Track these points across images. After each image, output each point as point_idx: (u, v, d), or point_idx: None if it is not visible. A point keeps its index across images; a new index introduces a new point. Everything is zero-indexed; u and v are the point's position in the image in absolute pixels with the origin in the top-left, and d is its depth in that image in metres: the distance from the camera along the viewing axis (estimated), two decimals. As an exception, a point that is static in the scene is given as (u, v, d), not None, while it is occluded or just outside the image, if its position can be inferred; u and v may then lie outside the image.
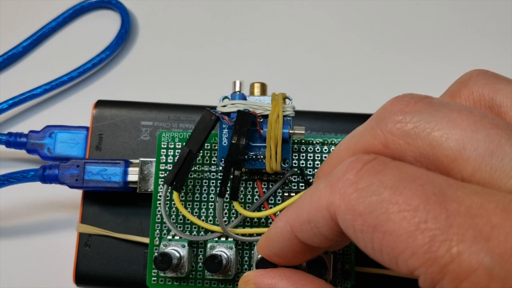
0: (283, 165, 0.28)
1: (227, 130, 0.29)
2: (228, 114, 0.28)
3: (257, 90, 0.29)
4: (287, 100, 0.29)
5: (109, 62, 0.40)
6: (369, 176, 0.18)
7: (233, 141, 0.27)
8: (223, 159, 0.28)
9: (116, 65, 0.40)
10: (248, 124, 0.27)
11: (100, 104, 0.35)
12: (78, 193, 0.34)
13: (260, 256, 0.27)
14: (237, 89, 0.29)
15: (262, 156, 0.28)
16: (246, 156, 0.28)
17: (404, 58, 0.40)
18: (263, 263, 0.25)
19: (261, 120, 0.28)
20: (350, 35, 0.40)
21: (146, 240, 0.32)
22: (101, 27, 0.41)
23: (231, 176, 0.28)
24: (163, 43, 0.41)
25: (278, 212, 0.28)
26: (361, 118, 0.33)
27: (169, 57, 0.41)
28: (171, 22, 0.41)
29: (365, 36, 0.40)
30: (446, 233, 0.16)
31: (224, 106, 0.28)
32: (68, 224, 0.36)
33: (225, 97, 0.29)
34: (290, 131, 0.28)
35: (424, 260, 0.16)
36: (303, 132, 0.28)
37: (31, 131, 0.35)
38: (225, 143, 0.29)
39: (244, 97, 0.29)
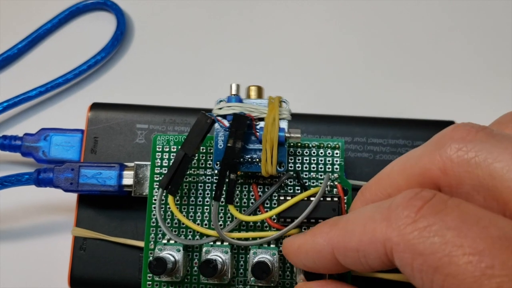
0: (278, 168, 0.28)
1: (223, 133, 0.29)
2: (224, 116, 0.28)
3: (253, 93, 0.29)
4: (283, 104, 0.29)
5: (104, 64, 0.40)
6: (431, 216, 0.18)
7: (229, 144, 0.27)
8: (218, 162, 0.28)
9: (111, 67, 0.40)
10: (244, 127, 0.27)
11: (95, 106, 0.35)
12: (73, 197, 0.34)
13: (256, 260, 0.27)
14: (234, 92, 0.29)
15: (257, 159, 0.28)
16: (241, 159, 0.28)
17: (401, 60, 0.39)
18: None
19: (257, 123, 0.28)
20: (347, 37, 0.40)
21: (141, 244, 0.31)
22: (96, 28, 0.41)
23: (227, 180, 0.28)
24: (159, 45, 0.41)
25: (274, 216, 0.28)
26: (357, 121, 0.34)
27: (165, 59, 0.40)
28: (167, 24, 0.41)
29: (362, 38, 0.40)
30: None
31: (220, 109, 0.28)
32: (63, 227, 0.36)
33: (221, 100, 0.29)
34: (286, 134, 0.28)
35: None
36: (299, 135, 0.28)
37: (26, 134, 0.35)
38: (220, 146, 0.28)
39: (240, 100, 0.29)
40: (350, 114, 0.35)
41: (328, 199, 0.28)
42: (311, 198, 0.28)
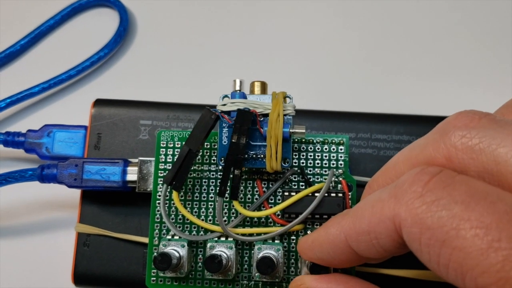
0: (283, 164, 0.28)
1: (227, 129, 0.28)
2: (228, 113, 0.28)
3: (257, 88, 0.29)
4: (287, 99, 0.29)
5: (107, 61, 0.40)
6: (438, 190, 0.18)
7: (233, 140, 0.27)
8: (223, 158, 0.28)
9: (114, 64, 0.40)
10: (248, 123, 0.27)
11: (98, 103, 0.35)
12: (76, 193, 0.34)
13: (260, 255, 0.27)
14: (237, 87, 0.29)
15: (262, 155, 0.28)
16: (246, 155, 0.28)
17: (405, 55, 0.39)
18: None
19: (261, 119, 0.28)
20: (351, 33, 0.40)
21: (145, 240, 0.31)
22: (99, 25, 0.41)
23: (231, 176, 0.28)
24: (162, 41, 0.41)
25: (279, 212, 0.28)
26: (361, 117, 0.34)
27: (168, 55, 0.40)
28: (170, 20, 0.41)
29: (365, 34, 0.40)
30: None
31: (224, 105, 0.28)
32: (67, 223, 0.36)
33: (225, 96, 0.29)
34: (291, 130, 0.28)
35: (496, 279, 0.16)
36: (304, 131, 0.28)
37: (29, 130, 0.35)
38: (225, 142, 0.28)
39: (244, 96, 0.29)
40: (353, 110, 0.35)
41: (333, 194, 0.28)
42: (316, 194, 0.28)
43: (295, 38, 0.40)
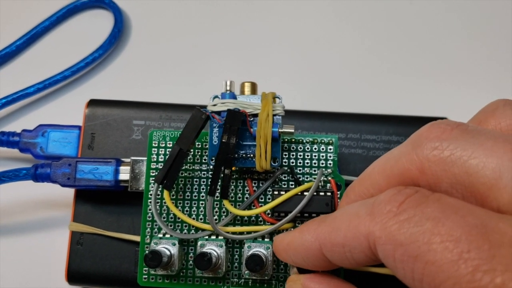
0: (272, 163, 0.28)
1: (217, 129, 0.29)
2: (218, 113, 0.29)
3: (247, 89, 0.30)
4: (276, 100, 0.29)
5: (102, 61, 0.40)
6: (411, 208, 0.19)
7: (224, 140, 0.28)
8: (213, 158, 0.29)
9: (109, 64, 0.40)
10: (238, 123, 0.28)
11: (92, 103, 0.35)
12: (70, 192, 0.34)
13: (250, 253, 0.27)
14: (228, 88, 0.29)
15: (252, 155, 0.28)
16: (236, 155, 0.28)
17: (394, 56, 0.40)
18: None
19: (251, 119, 0.28)
20: (341, 35, 0.41)
21: (137, 238, 0.32)
22: (94, 26, 0.41)
23: (222, 175, 0.28)
24: (156, 42, 0.41)
25: (269, 211, 0.29)
26: (351, 117, 0.34)
27: (162, 56, 0.40)
28: (164, 22, 0.41)
29: (356, 35, 0.40)
30: (490, 263, 0.16)
31: (215, 105, 0.28)
32: (60, 222, 0.36)
33: (216, 96, 0.29)
34: (280, 130, 0.28)
35: None
36: (293, 130, 0.28)
37: (23, 130, 0.35)
38: (215, 142, 0.29)
39: (234, 96, 0.29)
40: (343, 111, 0.35)
41: (322, 193, 0.29)
42: (305, 193, 0.28)
43: (286, 40, 0.41)
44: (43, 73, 0.39)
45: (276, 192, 0.29)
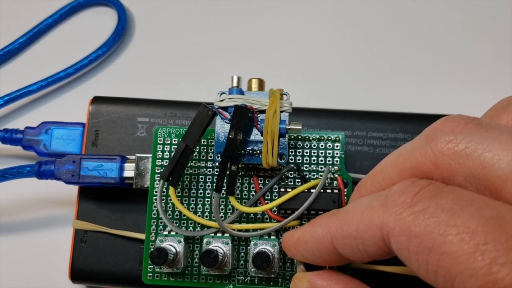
0: (279, 160, 0.28)
1: (224, 125, 0.29)
2: (225, 108, 0.28)
3: (254, 85, 0.29)
4: (284, 96, 0.29)
5: (105, 59, 0.40)
6: (426, 200, 0.19)
7: (230, 136, 0.27)
8: (219, 154, 0.28)
9: (112, 62, 0.40)
10: (245, 119, 0.27)
11: (96, 100, 0.35)
12: (74, 189, 0.34)
13: (256, 250, 0.27)
14: (235, 84, 0.29)
15: (258, 151, 0.28)
16: (243, 151, 0.28)
17: (401, 54, 0.39)
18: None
19: (258, 115, 0.28)
20: (348, 32, 0.40)
21: (142, 236, 0.32)
22: (97, 23, 0.41)
23: (228, 172, 0.28)
24: (159, 39, 0.41)
25: (275, 208, 0.28)
26: (357, 115, 0.34)
27: (166, 53, 0.40)
28: (168, 19, 0.41)
29: (362, 33, 0.40)
30: (507, 256, 0.16)
31: (222, 100, 0.28)
32: (64, 220, 0.36)
33: (223, 92, 0.29)
34: (287, 126, 0.28)
35: (484, 282, 0.16)
36: (300, 127, 0.28)
37: (27, 127, 0.35)
38: (222, 138, 0.29)
39: (241, 92, 0.29)
40: (350, 108, 0.35)
41: (329, 191, 0.28)
42: (312, 190, 0.28)
43: (292, 37, 0.40)
44: (46, 70, 0.39)
45: (282, 189, 0.28)
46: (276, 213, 0.29)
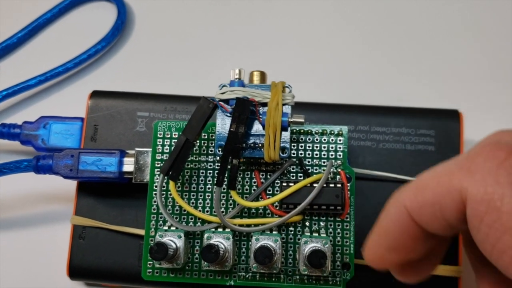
0: (281, 154, 0.28)
1: (225, 118, 0.28)
2: (226, 101, 0.28)
3: (256, 78, 0.29)
4: (286, 89, 0.28)
5: (105, 53, 0.40)
6: None
7: (232, 129, 0.27)
8: (220, 148, 0.28)
9: (112, 56, 0.40)
10: (247, 111, 0.27)
11: (95, 94, 0.35)
12: (72, 185, 0.34)
13: (258, 245, 0.27)
14: (236, 76, 0.28)
15: (260, 145, 0.28)
16: (244, 145, 0.28)
17: (404, 47, 0.39)
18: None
19: (260, 108, 0.28)
20: (351, 25, 0.40)
21: (141, 232, 0.31)
22: (97, 18, 0.41)
23: (229, 165, 0.27)
24: (159, 34, 0.40)
25: (277, 203, 0.28)
26: (360, 109, 0.33)
27: (166, 47, 0.40)
28: (168, 13, 0.41)
29: (365, 26, 0.40)
30: None
31: (223, 93, 0.28)
32: (62, 216, 0.36)
33: (224, 85, 0.28)
34: (290, 119, 0.27)
35: None
36: (303, 120, 0.28)
37: (25, 122, 0.34)
38: (223, 131, 0.28)
39: (243, 84, 0.28)
40: (352, 102, 0.34)
41: (332, 185, 0.28)
42: (314, 185, 0.28)
43: (294, 31, 0.40)
44: (45, 65, 0.38)
45: (284, 184, 0.28)
46: (278, 207, 0.28)
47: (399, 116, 0.33)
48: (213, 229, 0.29)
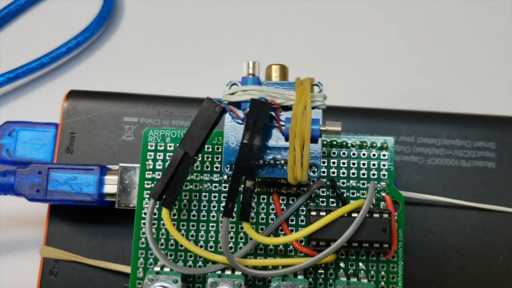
0: (310, 173, 0.24)
1: (236, 126, 0.25)
2: (237, 104, 0.24)
3: (275, 74, 0.26)
4: (316, 88, 0.25)
5: (88, 46, 0.38)
6: None
7: (245, 141, 0.24)
8: (229, 165, 0.25)
9: (96, 50, 0.37)
10: (265, 117, 0.23)
11: (72, 95, 0.32)
12: (43, 208, 0.31)
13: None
14: (250, 71, 0.25)
15: (282, 161, 0.24)
16: (261, 161, 0.24)
17: (456, 43, 0.36)
18: None
19: (282, 113, 0.24)
20: (392, 15, 0.38)
21: (127, 269, 0.28)
22: (79, 4, 0.38)
23: (241, 189, 0.24)
24: (152, 24, 0.38)
25: (303, 239, 0.24)
26: (404, 116, 0.32)
27: (160, 39, 0.38)
28: (161, 1, 0.39)
29: (409, 22, 0.37)
30: None
31: (233, 94, 0.24)
32: (30, 246, 0.33)
33: (234, 83, 0.25)
34: (322, 128, 0.24)
35: None
36: (339, 128, 0.24)
37: (-15, 129, 0.32)
38: (233, 143, 0.25)
39: (259, 82, 0.25)
40: (394, 107, 0.32)
41: (376, 215, 0.24)
42: (353, 214, 0.24)
43: (318, 17, 0.38)
44: (16, 60, 0.36)
45: (313, 213, 0.24)
46: (304, 244, 0.25)
47: (451, 125, 0.31)
48: (219, 272, 0.25)
